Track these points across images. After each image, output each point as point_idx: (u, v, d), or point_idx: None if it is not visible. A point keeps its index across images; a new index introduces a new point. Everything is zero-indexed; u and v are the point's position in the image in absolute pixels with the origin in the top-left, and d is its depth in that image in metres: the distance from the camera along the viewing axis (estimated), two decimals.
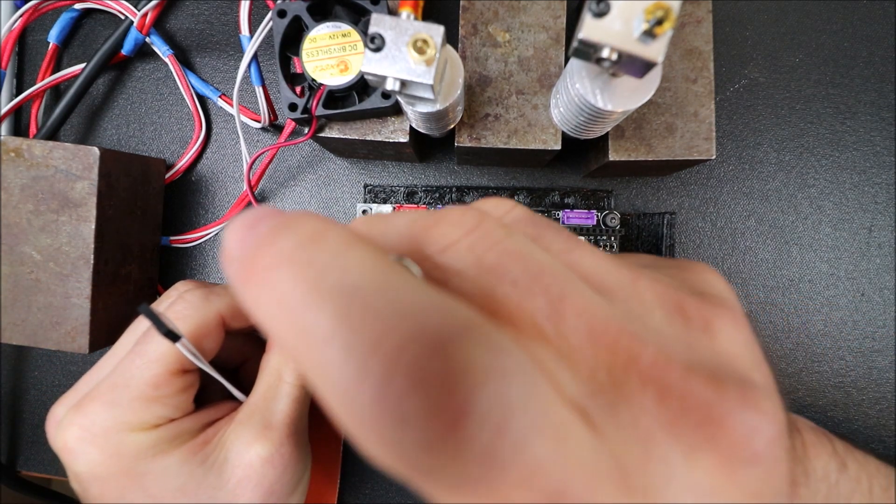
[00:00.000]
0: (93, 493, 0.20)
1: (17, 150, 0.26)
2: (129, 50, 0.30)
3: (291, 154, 0.31)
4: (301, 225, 0.10)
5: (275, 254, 0.09)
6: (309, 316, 0.09)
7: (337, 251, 0.09)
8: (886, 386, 0.30)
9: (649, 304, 0.13)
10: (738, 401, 0.12)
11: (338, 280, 0.09)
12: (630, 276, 0.13)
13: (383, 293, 0.09)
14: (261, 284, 0.09)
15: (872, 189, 0.30)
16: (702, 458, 0.11)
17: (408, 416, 0.08)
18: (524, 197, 0.30)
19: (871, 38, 0.30)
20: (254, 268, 0.10)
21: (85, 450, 0.20)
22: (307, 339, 0.09)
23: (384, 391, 0.08)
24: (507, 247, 0.12)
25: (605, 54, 0.17)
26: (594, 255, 0.14)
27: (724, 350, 0.13)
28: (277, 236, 0.10)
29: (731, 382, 0.12)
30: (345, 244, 0.10)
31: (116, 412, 0.21)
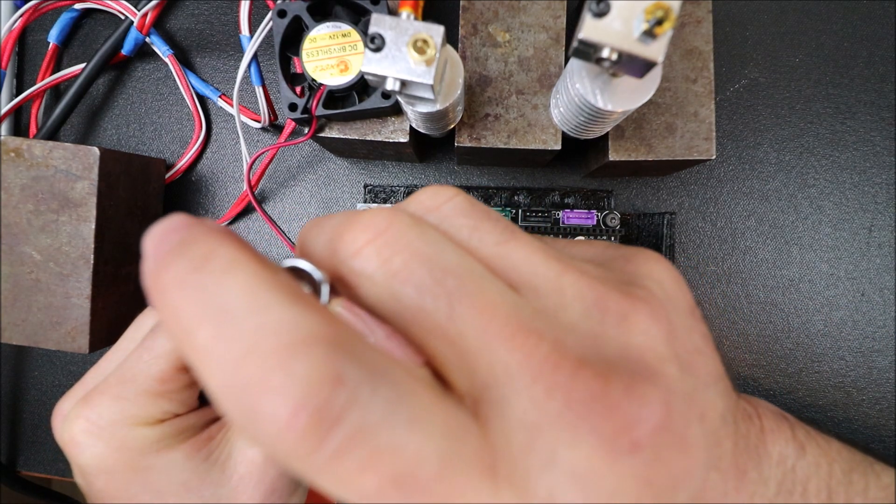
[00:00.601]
0: (97, 486, 0.20)
1: (18, 150, 0.26)
2: (129, 50, 0.30)
3: (291, 154, 0.31)
4: (193, 248, 0.12)
5: (170, 277, 0.11)
6: (193, 332, 0.11)
7: (219, 275, 0.11)
8: (886, 386, 0.30)
9: (569, 298, 0.14)
10: (624, 392, 0.12)
11: (215, 302, 0.11)
12: (558, 269, 0.14)
13: (252, 313, 0.11)
14: (161, 303, 0.11)
15: (872, 189, 0.30)
16: (583, 445, 0.12)
17: (258, 418, 0.10)
18: (524, 197, 0.31)
19: (871, 38, 0.30)
20: (155, 287, 0.12)
21: (91, 442, 0.20)
22: (194, 351, 0.11)
23: (246, 400, 0.10)
24: (415, 248, 0.13)
25: (605, 54, 0.17)
26: (527, 248, 0.14)
27: (634, 343, 0.13)
28: (174, 259, 0.11)
29: (621, 375, 0.13)
30: (226, 268, 0.11)
31: (123, 406, 0.21)
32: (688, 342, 0.15)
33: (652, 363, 0.13)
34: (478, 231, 0.14)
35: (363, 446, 0.10)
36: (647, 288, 0.15)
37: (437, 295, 0.12)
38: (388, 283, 0.13)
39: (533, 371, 0.12)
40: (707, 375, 0.15)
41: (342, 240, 0.13)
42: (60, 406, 0.23)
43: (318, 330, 0.11)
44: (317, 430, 0.10)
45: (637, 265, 0.16)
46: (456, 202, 0.15)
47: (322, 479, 0.10)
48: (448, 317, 0.12)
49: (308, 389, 0.10)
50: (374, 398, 0.10)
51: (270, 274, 0.12)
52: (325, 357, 0.10)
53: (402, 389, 0.11)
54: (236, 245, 0.12)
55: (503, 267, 0.14)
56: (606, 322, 0.14)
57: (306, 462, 0.10)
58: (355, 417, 0.10)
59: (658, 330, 0.14)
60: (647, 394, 0.13)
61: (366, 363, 0.11)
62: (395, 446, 0.10)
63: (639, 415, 0.12)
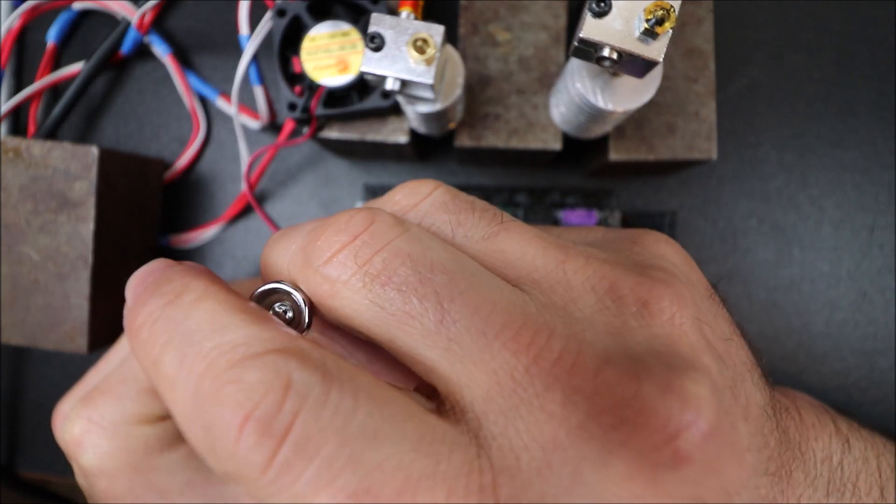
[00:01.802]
0: (100, 487, 0.20)
1: (16, 150, 0.26)
2: (128, 49, 0.30)
3: (291, 154, 0.31)
4: (168, 286, 0.12)
5: (144, 314, 0.12)
6: (160, 361, 0.11)
7: (189, 305, 0.11)
8: (888, 387, 0.29)
9: (577, 288, 0.12)
10: (660, 392, 0.10)
11: (182, 331, 0.11)
12: (558, 258, 0.12)
13: (212, 335, 0.11)
14: (135, 337, 0.12)
15: (874, 189, 0.30)
16: (616, 464, 0.10)
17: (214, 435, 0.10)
18: (524, 197, 0.30)
19: (872, 38, 0.30)
20: (131, 326, 0.12)
21: (93, 443, 0.20)
22: (161, 381, 0.11)
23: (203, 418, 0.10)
24: (397, 247, 0.11)
25: (606, 54, 0.17)
26: (520, 238, 0.13)
27: (661, 333, 0.12)
28: (149, 298, 0.12)
29: (654, 371, 0.11)
30: (197, 298, 0.11)
31: (125, 405, 0.21)
32: (715, 328, 0.13)
33: (687, 354, 0.11)
34: (462, 226, 0.13)
35: (315, 458, 0.09)
36: (664, 269, 0.13)
37: (425, 295, 0.11)
38: (367, 289, 0.11)
39: (545, 375, 0.10)
40: (741, 365, 0.13)
41: (314, 245, 0.12)
42: (61, 407, 0.23)
43: (273, 342, 0.10)
44: (265, 440, 0.09)
45: (645, 246, 0.14)
46: (435, 196, 0.13)
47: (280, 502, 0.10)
48: (438, 319, 0.11)
49: (255, 397, 0.09)
50: (326, 407, 0.09)
51: (237, 301, 0.12)
52: (276, 365, 0.10)
53: (365, 398, 0.10)
54: (209, 280, 0.12)
55: (496, 262, 0.13)
56: (625, 311, 0.12)
57: (261, 482, 0.09)
58: (305, 426, 0.09)
59: (685, 315, 0.12)
60: (689, 392, 0.10)
61: (324, 371, 0.10)
62: (351, 459, 0.09)
63: (682, 419, 0.10)
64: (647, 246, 0.14)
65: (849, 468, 0.15)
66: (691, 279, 0.13)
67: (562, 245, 0.13)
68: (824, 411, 0.17)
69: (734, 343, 0.13)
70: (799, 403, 0.16)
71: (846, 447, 0.16)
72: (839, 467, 0.15)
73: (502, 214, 0.13)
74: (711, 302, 0.13)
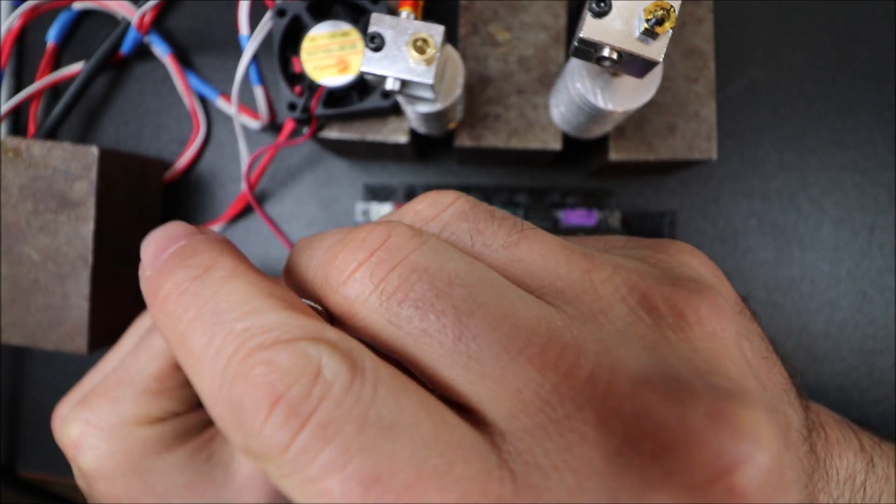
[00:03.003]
0: (98, 489, 0.20)
1: (16, 150, 0.26)
2: (128, 49, 0.30)
3: (291, 154, 0.31)
4: (196, 258, 0.12)
5: (171, 284, 0.11)
6: (188, 338, 0.11)
7: (220, 282, 0.11)
8: (888, 387, 0.29)
9: (607, 299, 0.11)
10: (709, 420, 0.09)
11: (211, 309, 0.11)
12: (584, 267, 0.12)
13: (245, 316, 0.11)
14: (160, 308, 0.12)
15: (874, 189, 0.30)
16: (659, 499, 0.09)
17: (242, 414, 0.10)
18: (524, 197, 0.30)
19: (872, 38, 0.30)
20: (156, 293, 0.12)
21: (91, 444, 0.20)
22: (188, 356, 0.11)
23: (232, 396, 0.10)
24: (414, 262, 0.11)
25: (606, 54, 0.17)
26: (543, 246, 0.12)
27: (702, 348, 0.11)
28: (175, 268, 0.12)
29: (702, 394, 0.10)
30: (228, 276, 0.11)
31: (122, 407, 0.21)
32: (752, 346, 0.12)
33: (733, 375, 0.10)
34: (481, 234, 0.12)
35: (332, 442, 0.09)
36: (695, 279, 0.12)
37: (442, 311, 0.10)
38: (384, 307, 0.11)
39: (576, 396, 0.10)
40: (779, 385, 0.12)
41: (332, 265, 0.12)
42: (60, 408, 0.23)
43: (305, 330, 0.10)
44: (290, 421, 0.09)
45: (671, 255, 0.13)
46: (456, 206, 0.13)
47: (293, 482, 0.10)
48: (457, 336, 0.10)
49: (288, 380, 0.10)
50: (348, 395, 0.10)
51: (268, 284, 0.12)
52: (307, 352, 0.10)
53: (385, 390, 0.10)
54: (238, 257, 0.12)
55: (518, 272, 0.12)
56: (660, 324, 0.11)
57: (281, 461, 0.10)
58: (328, 411, 0.09)
59: (727, 329, 0.11)
60: (743, 421, 0.09)
61: (351, 361, 0.10)
62: (365, 446, 0.09)
63: (738, 452, 0.09)
64: (673, 255, 0.13)
65: (871, 489, 0.15)
66: (724, 293, 0.13)
67: (587, 253, 0.12)
68: (847, 427, 0.16)
69: (770, 361, 0.12)
70: (823, 419, 0.15)
71: (870, 466, 0.15)
72: (862, 488, 0.14)
73: (523, 223, 0.13)
74: (742, 319, 0.13)
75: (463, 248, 0.12)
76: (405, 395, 0.10)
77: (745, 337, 0.12)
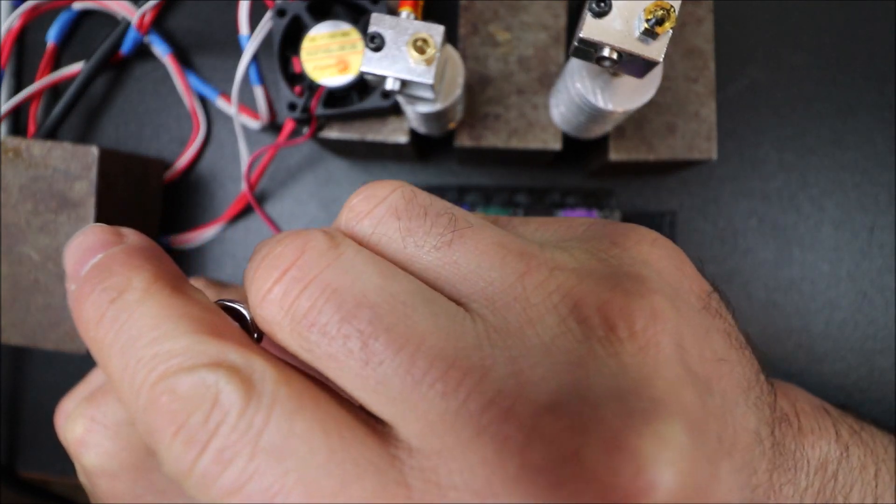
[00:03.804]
0: (102, 487, 0.20)
1: (16, 150, 0.26)
2: (128, 49, 0.30)
3: (291, 154, 0.31)
4: (111, 279, 0.12)
5: (90, 309, 0.12)
6: (109, 363, 0.11)
7: (132, 306, 0.12)
8: (888, 387, 0.29)
9: (537, 308, 0.11)
10: (606, 451, 0.09)
11: (124, 335, 0.11)
12: (518, 270, 0.11)
13: (153, 343, 0.11)
14: (84, 331, 0.12)
15: (874, 189, 0.30)
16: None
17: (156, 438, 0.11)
18: (524, 197, 0.30)
19: (872, 38, 0.30)
20: (80, 315, 0.12)
21: (96, 442, 0.20)
22: (111, 380, 0.12)
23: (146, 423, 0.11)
24: (325, 280, 0.11)
25: (606, 54, 0.17)
26: (477, 247, 0.11)
27: (631, 364, 0.10)
28: (92, 290, 0.12)
29: (605, 422, 0.09)
30: (140, 298, 0.12)
31: None
32: (705, 349, 0.11)
33: (659, 394, 0.10)
34: (412, 234, 0.12)
35: (228, 467, 0.10)
36: (642, 279, 0.11)
37: (348, 335, 0.10)
38: (296, 332, 0.11)
39: (475, 421, 0.09)
40: (734, 388, 0.11)
41: (253, 282, 0.12)
42: (64, 405, 0.23)
43: (209, 354, 0.11)
44: (189, 448, 0.10)
45: (625, 248, 0.12)
46: (389, 201, 0.12)
47: (203, 501, 0.10)
48: (364, 361, 0.10)
49: (188, 408, 0.10)
50: (242, 420, 0.10)
51: (181, 302, 0.12)
52: (205, 379, 0.10)
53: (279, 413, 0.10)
54: (151, 272, 0.12)
55: (449, 276, 0.11)
56: (591, 336, 0.10)
57: (187, 484, 0.10)
58: (223, 438, 0.10)
59: (663, 340, 0.10)
60: (646, 453, 0.09)
61: (248, 385, 0.10)
62: (258, 471, 0.10)
63: (636, 482, 0.09)
64: (627, 248, 0.12)
65: (844, 478, 0.14)
66: (681, 286, 0.12)
67: (524, 253, 0.11)
68: (825, 414, 0.15)
69: (728, 363, 0.12)
70: (799, 406, 0.15)
71: (844, 455, 0.15)
72: (833, 478, 0.14)
73: (458, 219, 0.12)
74: (704, 314, 0.12)
75: (394, 250, 0.12)
76: (300, 417, 0.10)
77: (691, 344, 0.11)
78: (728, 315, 0.13)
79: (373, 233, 0.12)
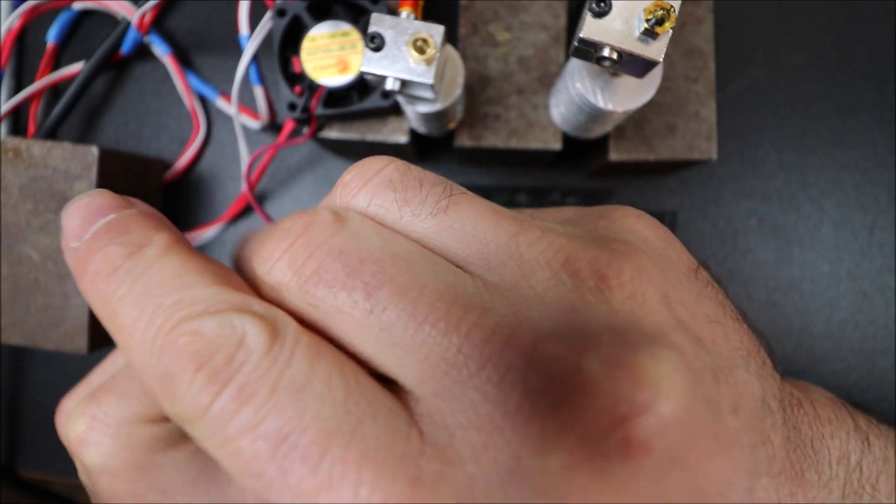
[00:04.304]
0: (103, 486, 0.20)
1: (16, 150, 0.26)
2: (128, 49, 0.30)
3: (291, 154, 0.31)
4: (129, 235, 0.12)
5: (101, 261, 0.11)
6: (118, 312, 0.11)
7: (153, 260, 0.11)
8: (888, 387, 0.29)
9: (530, 263, 0.11)
10: (606, 366, 0.09)
11: (142, 284, 0.11)
12: (512, 231, 0.12)
13: (175, 291, 0.11)
14: (90, 283, 0.12)
15: (874, 189, 0.30)
16: (556, 452, 0.09)
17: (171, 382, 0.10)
18: (525, 197, 0.30)
19: (872, 38, 0.30)
20: (86, 268, 0.12)
21: (97, 441, 0.20)
22: (119, 331, 0.11)
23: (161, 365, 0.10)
24: (331, 245, 0.11)
25: (606, 54, 0.17)
26: (471, 212, 0.12)
27: (622, 309, 0.10)
28: (107, 244, 0.12)
29: (603, 343, 0.09)
30: (160, 253, 0.12)
31: (129, 403, 0.21)
32: (696, 309, 0.12)
33: (650, 331, 0.10)
34: (408, 203, 0.12)
35: (247, 404, 0.10)
36: (628, 242, 0.12)
37: (353, 287, 0.11)
38: (303, 290, 0.11)
39: (478, 353, 0.10)
40: (732, 351, 0.12)
41: (260, 255, 0.12)
42: (65, 404, 0.23)
43: (231, 302, 0.11)
44: (210, 385, 0.10)
45: (612, 220, 0.13)
46: (384, 174, 0.13)
47: (214, 443, 0.10)
48: (368, 310, 0.11)
49: (212, 348, 0.10)
50: (265, 359, 0.10)
51: (202, 259, 0.12)
52: (231, 321, 0.10)
53: (301, 354, 0.10)
54: (172, 231, 0.12)
55: (446, 240, 0.12)
56: (581, 286, 0.11)
57: (202, 423, 0.10)
58: (245, 375, 0.10)
59: (650, 292, 0.11)
60: (646, 369, 0.09)
61: (273, 329, 0.10)
62: (276, 407, 0.10)
63: (635, 400, 0.09)
64: (614, 220, 0.13)
65: (868, 469, 0.14)
66: (668, 255, 0.12)
67: (517, 218, 0.12)
68: (842, 406, 0.15)
69: (723, 326, 0.12)
70: (814, 397, 0.14)
71: (866, 445, 0.14)
72: (857, 468, 0.14)
73: (453, 187, 0.13)
74: (693, 281, 0.12)
75: (391, 219, 0.12)
76: (320, 360, 0.10)
77: (681, 300, 0.11)
78: (719, 288, 0.13)
79: (370, 205, 0.12)
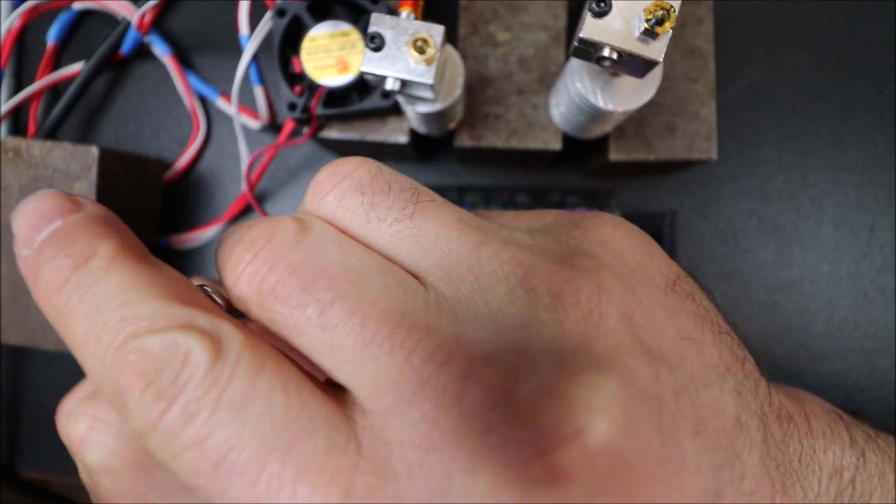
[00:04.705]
0: (104, 485, 0.20)
1: (17, 150, 0.26)
2: (128, 49, 0.30)
3: (291, 154, 0.31)
4: (73, 247, 0.12)
5: (50, 274, 0.12)
6: (71, 328, 0.11)
7: (98, 273, 0.11)
8: (888, 387, 0.29)
9: (489, 277, 0.11)
10: (535, 396, 0.09)
11: (90, 299, 0.11)
12: (474, 242, 0.12)
13: (121, 307, 0.11)
14: (42, 296, 0.12)
15: (874, 189, 0.30)
16: (484, 473, 0.09)
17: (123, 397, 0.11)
18: (525, 197, 0.30)
19: (872, 38, 0.30)
20: (37, 280, 0.12)
21: (98, 440, 0.20)
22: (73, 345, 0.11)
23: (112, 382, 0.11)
24: (290, 260, 0.11)
25: (606, 54, 0.17)
26: (436, 220, 0.12)
27: (573, 330, 0.10)
28: (53, 256, 0.12)
29: (538, 370, 0.10)
30: (106, 266, 0.12)
31: None
32: (667, 328, 0.11)
33: (599, 355, 0.10)
34: (375, 208, 0.12)
35: (191, 422, 0.10)
36: (595, 256, 0.12)
37: (306, 304, 0.11)
38: (263, 306, 0.11)
39: (418, 374, 0.10)
40: (706, 368, 0.11)
41: (227, 267, 0.12)
42: (66, 403, 0.23)
43: (177, 318, 0.11)
44: (158, 403, 0.10)
45: (585, 230, 0.13)
46: (354, 177, 0.13)
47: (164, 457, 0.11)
48: (321, 327, 0.11)
49: (158, 365, 0.10)
50: (208, 377, 0.10)
51: (147, 271, 0.12)
52: (175, 339, 0.10)
53: (243, 371, 0.10)
54: (117, 242, 0.12)
55: (409, 248, 0.12)
56: (536, 304, 0.11)
57: (152, 438, 0.10)
58: (190, 394, 0.10)
59: (608, 311, 0.11)
60: (576, 398, 0.09)
61: (216, 346, 0.11)
62: (218, 425, 0.10)
63: (561, 431, 0.09)
64: (587, 230, 0.13)
65: (862, 485, 0.14)
66: (644, 267, 0.12)
67: (482, 228, 0.12)
68: (838, 419, 0.15)
69: (697, 343, 0.12)
70: (809, 410, 0.14)
71: (861, 461, 0.14)
72: (850, 484, 0.14)
73: (421, 193, 0.13)
74: (669, 295, 0.12)
75: (357, 224, 0.12)
76: (262, 376, 0.10)
77: (646, 319, 0.11)
78: (703, 299, 0.13)
79: (337, 207, 0.13)
